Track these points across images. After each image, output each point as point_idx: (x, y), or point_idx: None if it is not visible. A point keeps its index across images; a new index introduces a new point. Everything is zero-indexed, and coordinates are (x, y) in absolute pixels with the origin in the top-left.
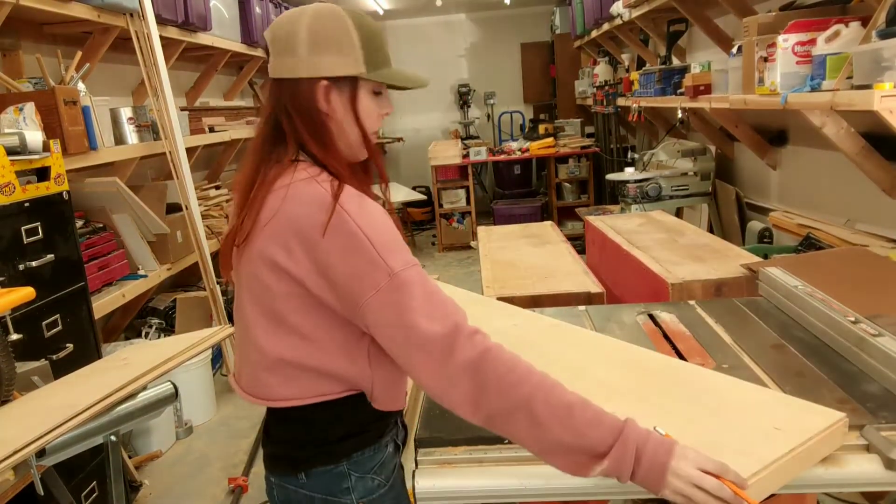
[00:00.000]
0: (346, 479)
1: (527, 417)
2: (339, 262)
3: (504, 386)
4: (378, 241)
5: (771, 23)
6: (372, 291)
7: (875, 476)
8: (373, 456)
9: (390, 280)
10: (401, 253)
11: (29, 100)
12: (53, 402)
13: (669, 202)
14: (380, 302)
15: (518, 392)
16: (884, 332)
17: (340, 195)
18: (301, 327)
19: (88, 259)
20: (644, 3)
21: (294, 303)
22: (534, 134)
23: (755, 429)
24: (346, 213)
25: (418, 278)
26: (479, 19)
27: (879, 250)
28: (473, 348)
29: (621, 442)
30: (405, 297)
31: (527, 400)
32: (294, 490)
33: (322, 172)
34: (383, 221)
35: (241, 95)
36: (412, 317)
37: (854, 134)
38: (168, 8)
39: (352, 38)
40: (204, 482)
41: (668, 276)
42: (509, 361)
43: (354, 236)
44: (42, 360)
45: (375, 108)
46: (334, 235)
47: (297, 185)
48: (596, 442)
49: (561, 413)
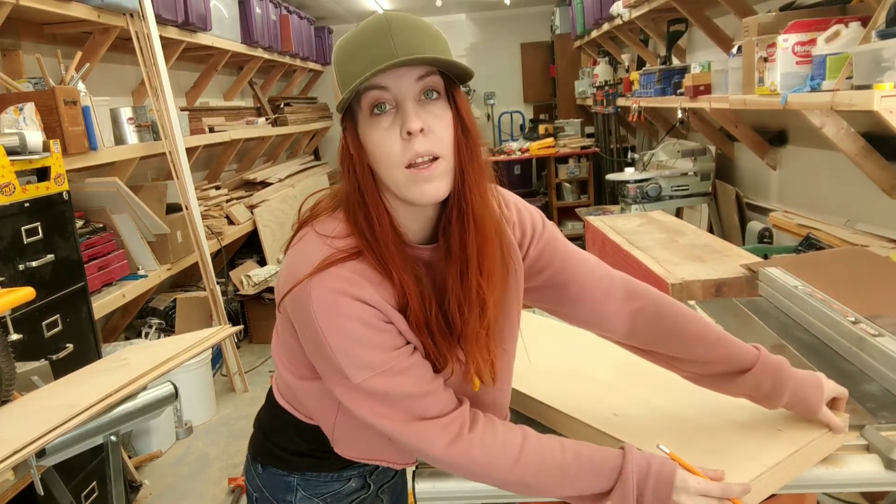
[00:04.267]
0: (292, 491)
1: (526, 490)
2: (305, 342)
3: (487, 471)
4: (339, 350)
5: (771, 23)
6: (333, 383)
7: (875, 476)
8: (328, 483)
9: (348, 383)
10: (366, 365)
11: (29, 100)
12: (53, 402)
13: (669, 202)
14: (340, 394)
15: (510, 477)
16: (884, 332)
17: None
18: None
19: (88, 259)
20: (644, 3)
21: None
22: (534, 134)
23: (757, 431)
24: (311, 308)
25: (382, 387)
26: (479, 19)
27: (879, 250)
28: (450, 450)
29: (620, 484)
30: (368, 403)
31: (520, 480)
32: (253, 476)
33: (346, 236)
34: (353, 331)
35: (241, 95)
36: (376, 420)
37: (854, 134)
38: (168, 8)
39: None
40: (204, 482)
41: (668, 277)
42: (488, 450)
43: (316, 336)
44: (42, 360)
45: (384, 133)
46: (296, 315)
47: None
48: (597, 487)
49: (557, 478)
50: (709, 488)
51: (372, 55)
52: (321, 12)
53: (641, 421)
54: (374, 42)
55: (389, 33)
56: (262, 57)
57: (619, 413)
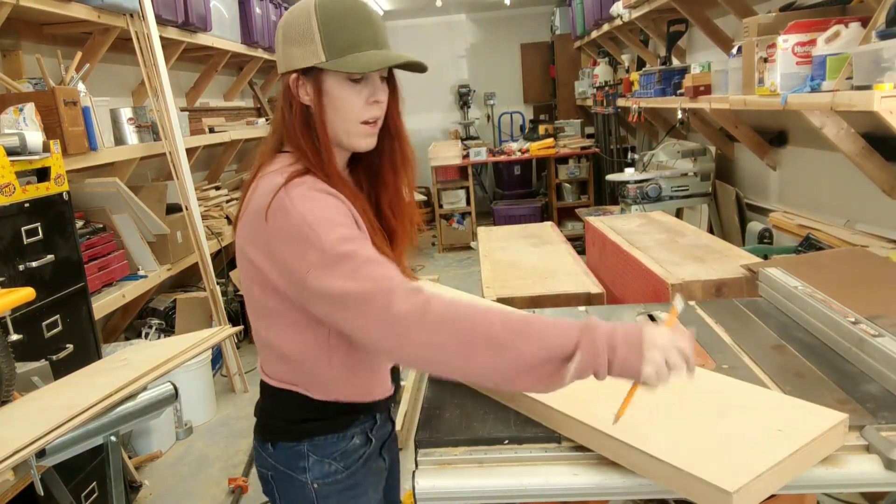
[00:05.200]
0: (304, 458)
1: (487, 345)
2: (279, 243)
3: (455, 324)
4: (313, 218)
5: (771, 23)
6: (307, 267)
7: (875, 476)
8: (335, 443)
9: (322, 254)
10: (335, 230)
11: (29, 100)
12: (53, 403)
13: (669, 203)
14: (315, 276)
15: (470, 324)
16: (884, 332)
17: (290, 182)
18: (270, 310)
19: (88, 259)
20: (644, 3)
21: (261, 286)
22: (534, 134)
23: (757, 430)
24: (288, 198)
25: (350, 251)
26: (479, 19)
27: (879, 251)
28: (413, 298)
29: (587, 334)
30: (337, 269)
31: (483, 328)
32: (265, 457)
33: (294, 163)
34: (324, 203)
35: (241, 96)
36: (342, 283)
37: (854, 134)
38: (168, 8)
39: (311, 28)
40: (204, 482)
41: (668, 277)
42: (452, 303)
43: (290, 216)
44: (42, 360)
45: (354, 96)
46: (275, 218)
47: (264, 177)
48: (562, 342)
49: (519, 327)
50: (682, 356)
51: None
52: None
53: (641, 421)
54: (361, 26)
55: (372, 22)
56: (262, 57)
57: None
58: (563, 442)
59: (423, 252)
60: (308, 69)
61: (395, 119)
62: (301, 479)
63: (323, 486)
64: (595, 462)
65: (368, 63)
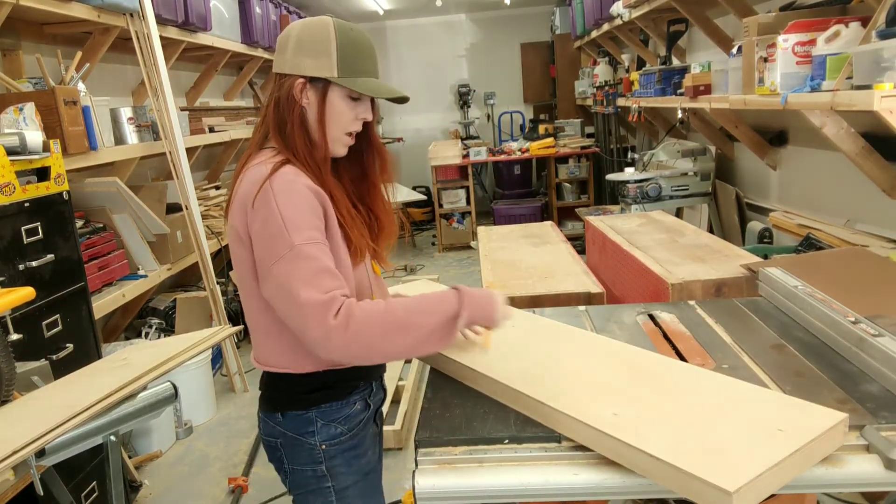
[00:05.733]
0: (312, 423)
1: (399, 329)
2: (257, 230)
3: (372, 326)
4: (288, 215)
5: (771, 23)
6: (275, 259)
7: (875, 476)
8: (339, 409)
9: (290, 251)
10: (306, 231)
11: (29, 100)
12: (53, 402)
13: (669, 202)
14: (278, 270)
15: (381, 320)
16: (884, 332)
17: (275, 174)
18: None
19: (88, 259)
20: (644, 3)
21: (250, 268)
22: (534, 134)
23: (757, 430)
24: (271, 190)
25: (314, 254)
26: (479, 19)
27: (879, 250)
28: (340, 315)
29: (464, 295)
30: (297, 268)
31: (392, 318)
32: (273, 426)
33: (277, 155)
34: (302, 201)
35: (241, 95)
36: (298, 285)
37: (854, 134)
38: (168, 8)
39: (330, 46)
40: (204, 482)
41: (668, 277)
42: (370, 307)
43: (271, 210)
44: (42, 360)
45: (349, 111)
46: (258, 208)
47: (252, 168)
48: (450, 307)
49: (416, 308)
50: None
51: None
52: (321, 12)
53: (641, 421)
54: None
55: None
56: (262, 57)
57: (619, 413)
58: (563, 442)
59: (423, 252)
60: (317, 79)
61: (374, 132)
62: (310, 442)
63: (330, 447)
64: (595, 462)
65: (378, 89)
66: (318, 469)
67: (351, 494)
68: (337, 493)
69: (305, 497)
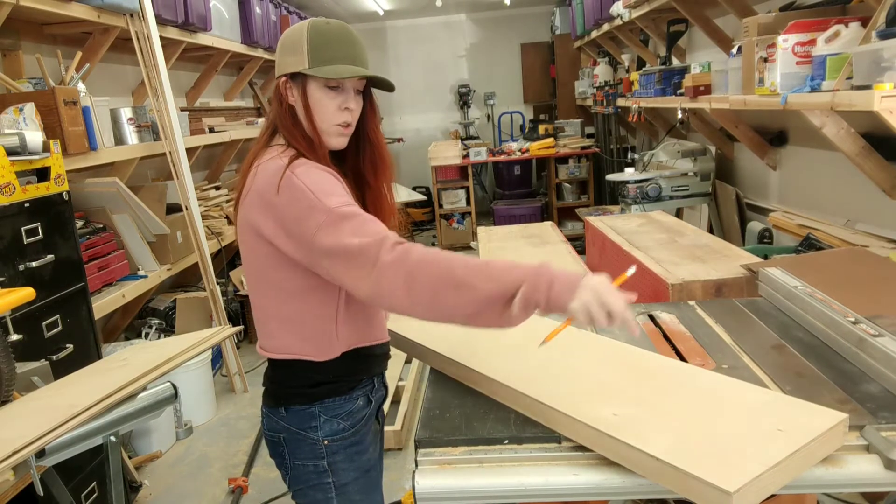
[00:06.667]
0: (315, 418)
1: (452, 285)
2: (288, 212)
3: (427, 267)
4: (317, 188)
5: (771, 23)
6: (315, 228)
7: (875, 476)
8: (342, 404)
9: (328, 216)
10: (337, 196)
11: (29, 100)
12: (53, 402)
13: (669, 202)
14: (323, 234)
15: (439, 267)
16: (884, 332)
17: (292, 163)
18: (279, 281)
19: (88, 259)
20: (644, 3)
21: (271, 261)
22: (534, 134)
23: (758, 430)
24: (293, 174)
25: (351, 212)
26: (479, 19)
27: (879, 250)
28: (396, 249)
29: (535, 272)
30: (341, 227)
31: (448, 270)
32: (276, 420)
33: (287, 149)
34: (325, 177)
35: (241, 96)
36: (346, 239)
37: (854, 134)
38: (168, 8)
39: (302, 42)
40: (204, 482)
41: (668, 277)
42: (427, 252)
43: (298, 188)
44: (42, 360)
45: (329, 101)
46: (284, 191)
47: (265, 163)
48: (513, 278)
49: (479, 267)
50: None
51: (343, 55)
52: (321, 12)
53: (641, 421)
54: (343, 45)
55: (353, 43)
56: (262, 57)
57: (618, 413)
58: (563, 442)
59: None
60: (295, 74)
61: (372, 129)
62: (313, 437)
63: (332, 442)
64: (595, 462)
65: (340, 72)
66: (319, 464)
67: (351, 490)
68: (337, 488)
69: (305, 492)
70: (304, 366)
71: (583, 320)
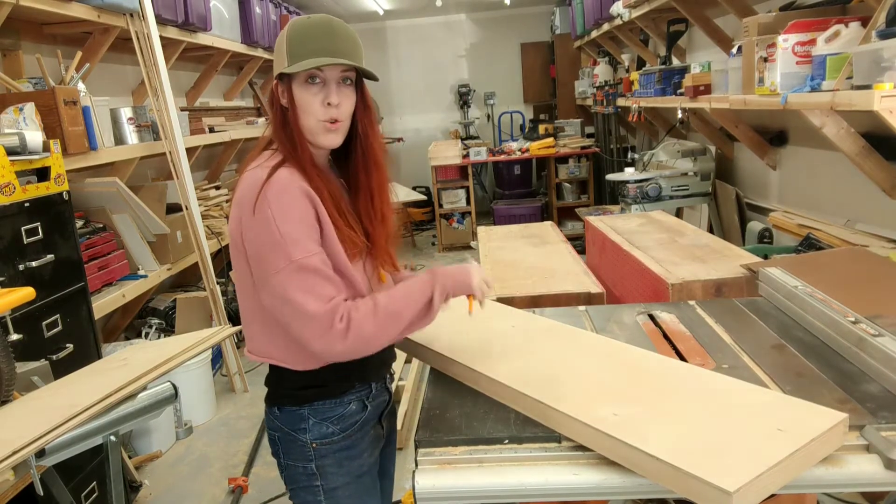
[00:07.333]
0: (305, 420)
1: (389, 321)
2: (254, 239)
3: (368, 320)
4: (284, 227)
5: (771, 23)
6: (274, 271)
7: (875, 476)
8: (332, 407)
9: (288, 265)
10: (303, 243)
11: (29, 100)
12: (53, 402)
13: (669, 202)
14: (280, 279)
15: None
16: (884, 332)
17: (268, 181)
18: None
19: (88, 259)
20: (644, 3)
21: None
22: (534, 134)
23: (758, 430)
24: (266, 200)
25: (312, 266)
26: (479, 19)
27: (879, 250)
28: (346, 316)
29: (437, 277)
30: (298, 280)
31: (382, 313)
32: (272, 419)
33: (274, 155)
34: (297, 211)
35: (241, 95)
36: (300, 297)
37: (854, 134)
38: (168, 8)
39: (283, 41)
40: (204, 482)
41: (668, 277)
42: (363, 308)
43: (266, 220)
44: (42, 360)
45: (312, 97)
46: (256, 218)
47: (249, 171)
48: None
49: (400, 297)
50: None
51: (319, 48)
52: (321, 12)
53: (641, 421)
54: (320, 38)
55: (333, 35)
56: (262, 57)
57: (618, 413)
58: (563, 442)
59: (423, 251)
60: (282, 75)
61: (364, 126)
62: (302, 439)
63: (321, 446)
64: (595, 462)
65: (307, 64)
66: (308, 466)
67: (340, 495)
68: (326, 492)
69: (297, 493)
70: (289, 372)
71: (479, 296)
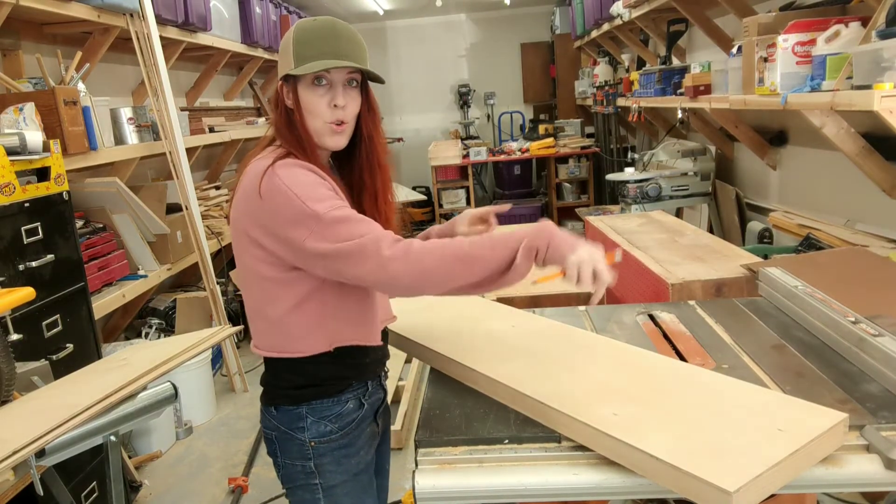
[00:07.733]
0: (302, 419)
1: (460, 261)
2: (276, 217)
3: (432, 254)
4: (302, 192)
5: (771, 23)
6: (306, 235)
7: (875, 476)
8: (330, 406)
9: (318, 222)
10: (324, 200)
11: (29, 100)
12: (53, 402)
13: (669, 202)
14: (315, 241)
15: (442, 252)
16: (884, 332)
17: (275, 163)
18: (265, 280)
19: (88, 259)
20: (644, 3)
21: (257, 260)
22: (534, 134)
23: (758, 430)
24: (277, 175)
25: (342, 216)
26: (479, 19)
27: (879, 250)
28: (395, 245)
29: (536, 228)
30: (333, 231)
31: (453, 250)
32: (269, 419)
33: (278, 150)
34: (308, 177)
35: (241, 95)
36: (340, 243)
37: (854, 134)
38: (168, 8)
39: (289, 42)
40: (204, 482)
41: (668, 277)
42: (426, 242)
43: (283, 193)
44: (42, 360)
45: (318, 98)
46: (269, 196)
47: (253, 163)
48: (518, 239)
49: (483, 241)
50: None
51: (326, 50)
52: (321, 12)
53: (641, 421)
54: (326, 41)
55: (339, 37)
56: (262, 57)
57: (618, 413)
58: (563, 442)
59: None
60: (287, 77)
61: (369, 128)
62: (300, 437)
63: (319, 444)
64: (595, 462)
65: (315, 66)
66: (306, 465)
67: (339, 493)
68: (324, 490)
69: (294, 491)
70: (289, 366)
71: (571, 275)
